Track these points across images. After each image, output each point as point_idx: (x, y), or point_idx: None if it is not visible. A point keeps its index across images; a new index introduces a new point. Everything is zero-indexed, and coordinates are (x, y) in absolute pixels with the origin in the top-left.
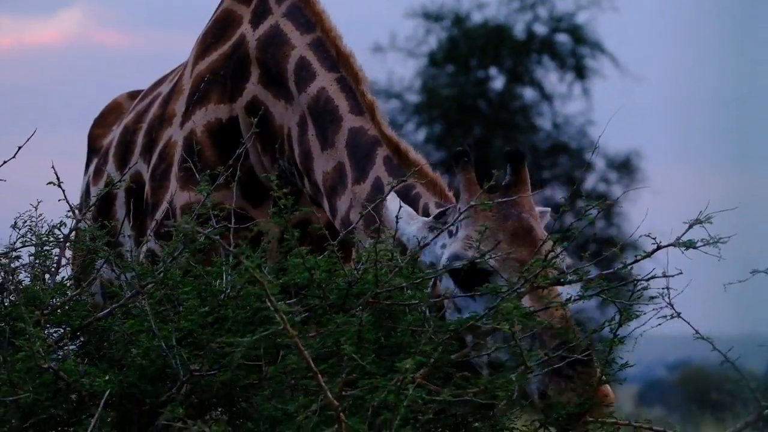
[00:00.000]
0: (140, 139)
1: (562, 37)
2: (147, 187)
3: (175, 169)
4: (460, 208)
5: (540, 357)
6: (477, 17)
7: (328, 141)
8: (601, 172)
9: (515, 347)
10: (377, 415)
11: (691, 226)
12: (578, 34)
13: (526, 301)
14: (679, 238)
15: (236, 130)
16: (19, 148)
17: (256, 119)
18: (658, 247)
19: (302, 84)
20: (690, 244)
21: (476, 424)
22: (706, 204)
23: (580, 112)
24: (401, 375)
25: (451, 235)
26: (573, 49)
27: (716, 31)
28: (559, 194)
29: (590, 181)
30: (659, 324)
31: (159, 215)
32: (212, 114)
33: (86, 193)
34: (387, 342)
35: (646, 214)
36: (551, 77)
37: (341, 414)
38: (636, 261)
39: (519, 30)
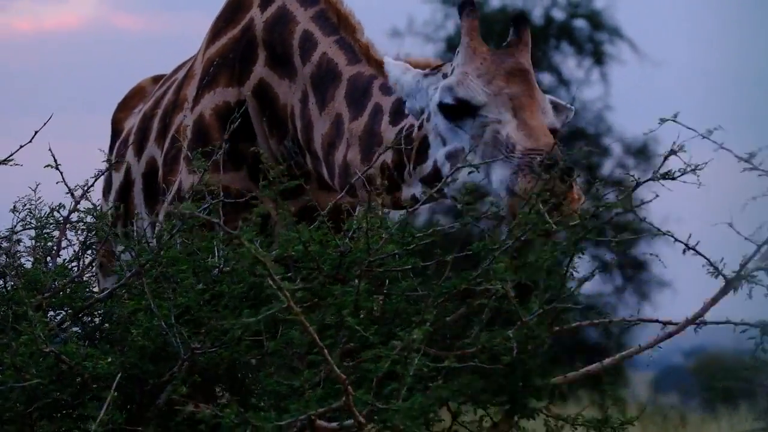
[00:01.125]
0: (155, 125)
1: (580, 23)
2: (160, 172)
3: (184, 152)
4: (458, 51)
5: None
6: (495, 2)
7: (326, 101)
8: (618, 157)
9: (510, 305)
10: (383, 386)
11: (667, 158)
12: (596, 20)
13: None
14: (656, 172)
15: (244, 114)
16: (36, 132)
17: (241, 110)
18: (638, 184)
19: (306, 55)
20: (668, 176)
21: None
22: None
23: (598, 97)
24: (405, 344)
25: (445, 77)
26: (591, 35)
27: (740, 16)
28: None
29: (607, 167)
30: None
31: (168, 198)
32: (220, 97)
33: (108, 177)
34: (383, 309)
35: (657, 180)
36: (569, 63)
37: (349, 387)
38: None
39: (537, 15)
